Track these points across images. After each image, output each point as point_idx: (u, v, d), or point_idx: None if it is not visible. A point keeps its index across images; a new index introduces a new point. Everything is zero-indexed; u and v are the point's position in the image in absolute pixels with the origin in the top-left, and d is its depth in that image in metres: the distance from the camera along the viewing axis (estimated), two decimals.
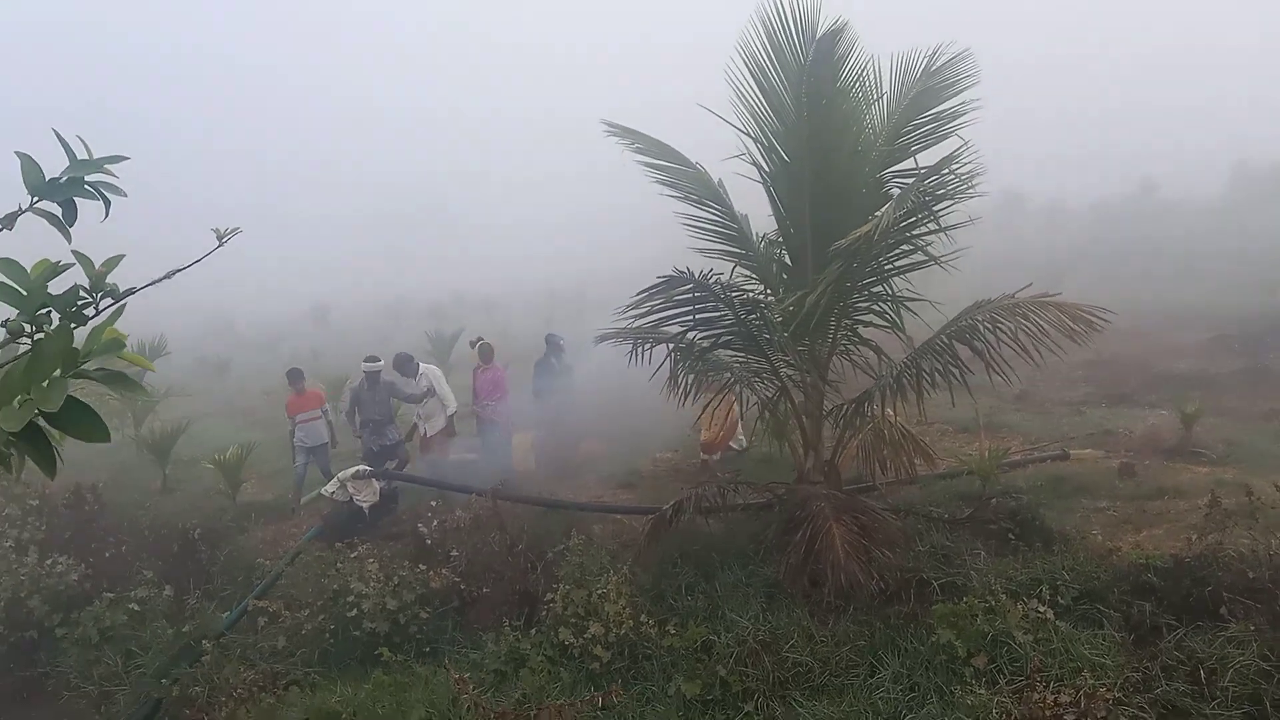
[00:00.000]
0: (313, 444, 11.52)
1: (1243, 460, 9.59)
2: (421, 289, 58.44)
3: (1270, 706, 4.77)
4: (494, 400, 12.07)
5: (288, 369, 12.09)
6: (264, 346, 37.93)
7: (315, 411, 11.63)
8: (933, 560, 7.00)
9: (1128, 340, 19.65)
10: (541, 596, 6.95)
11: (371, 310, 53.31)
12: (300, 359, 29.59)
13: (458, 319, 30.76)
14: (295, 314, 53.80)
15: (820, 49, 6.87)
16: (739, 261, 7.94)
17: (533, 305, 45.84)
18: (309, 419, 11.54)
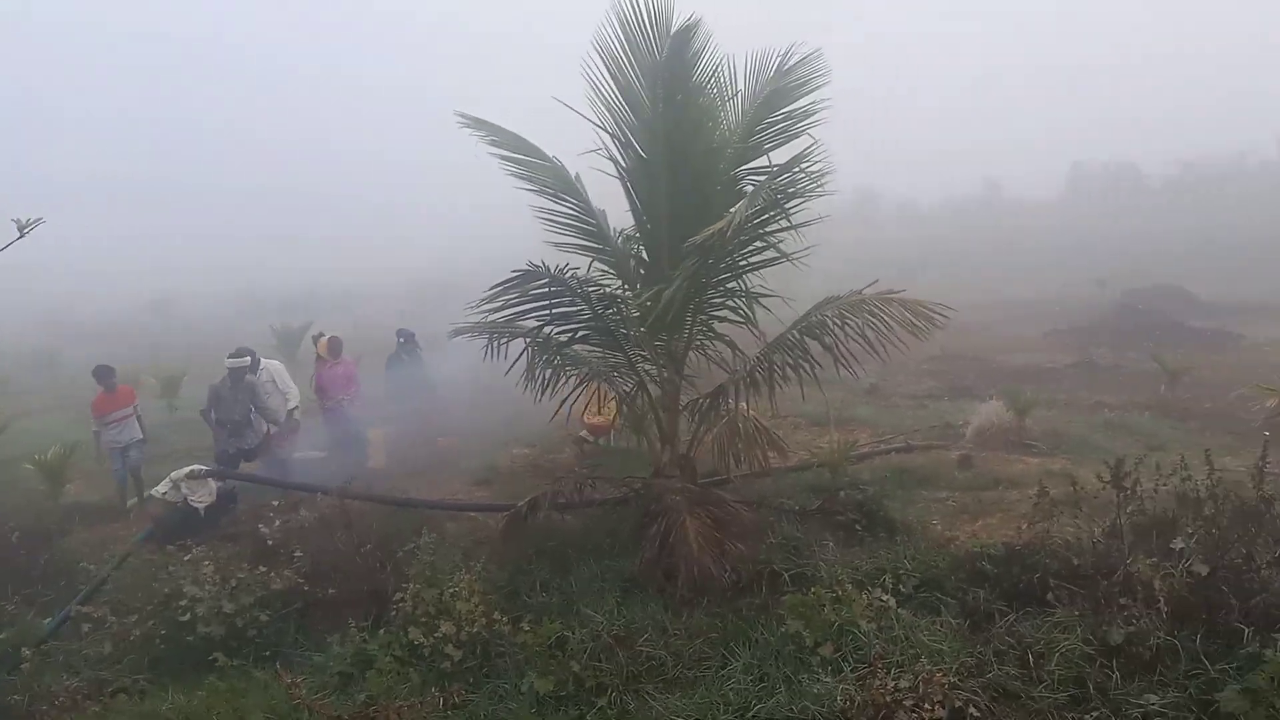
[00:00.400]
0: (127, 443, 10.87)
1: (1071, 451, 10.21)
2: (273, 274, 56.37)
3: (1093, 688, 5.05)
4: (347, 396, 11.71)
5: (95, 366, 11.20)
6: (99, 337, 35.72)
7: (127, 409, 10.97)
8: (784, 552, 7.14)
9: (971, 335, 20.71)
10: (391, 596, 6.76)
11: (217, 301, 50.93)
12: (139, 353, 28.06)
13: (311, 311, 29.69)
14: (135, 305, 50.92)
15: (675, 45, 6.89)
16: (596, 256, 7.91)
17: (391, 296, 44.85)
18: (121, 418, 10.87)
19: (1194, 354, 16.24)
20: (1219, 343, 18.92)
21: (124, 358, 21.19)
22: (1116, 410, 12.77)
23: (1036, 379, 15.71)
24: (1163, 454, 7.98)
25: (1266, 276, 29.82)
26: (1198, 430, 11.30)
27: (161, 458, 11.85)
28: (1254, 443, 8.09)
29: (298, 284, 52.99)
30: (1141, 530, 6.15)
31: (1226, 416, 11.84)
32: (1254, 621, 5.13)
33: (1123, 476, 6.04)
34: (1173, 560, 5.66)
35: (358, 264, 65.80)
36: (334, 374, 11.68)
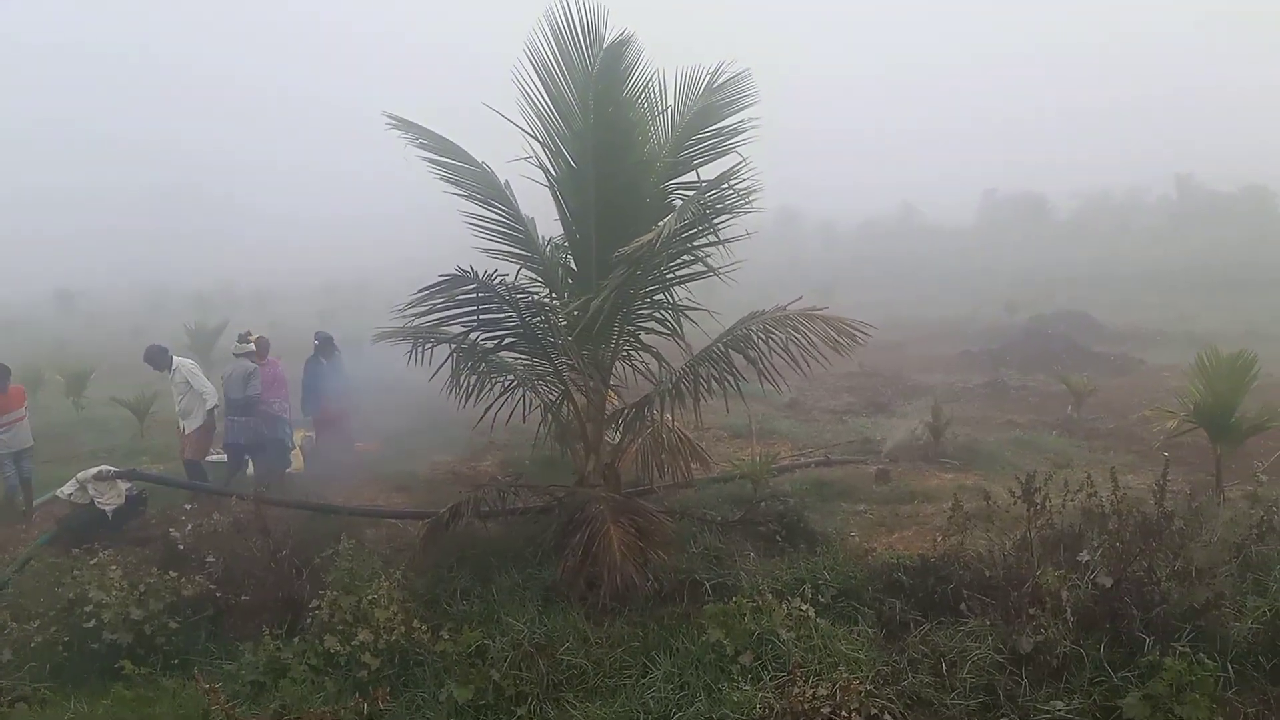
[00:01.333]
0: (19, 448, 10.33)
1: (983, 466, 10.52)
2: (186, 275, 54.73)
3: (1003, 695, 5.22)
4: (277, 398, 11.36)
5: None
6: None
7: (20, 411, 10.47)
8: (705, 561, 7.21)
9: (888, 353, 21.17)
10: (307, 604, 6.61)
11: (129, 296, 49.23)
12: (42, 349, 26.94)
13: (224, 310, 28.91)
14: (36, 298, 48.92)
15: (608, 57, 6.94)
16: (525, 264, 7.90)
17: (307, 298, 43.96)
18: (13, 420, 10.34)
19: (1098, 377, 16.83)
20: (1121, 367, 19.65)
21: (25, 353, 20.35)
22: (1026, 429, 13.19)
23: (950, 397, 16.11)
24: (1070, 471, 8.29)
25: (1162, 305, 31.16)
26: (1102, 449, 11.74)
27: (68, 458, 11.38)
28: (1155, 462, 8.47)
29: (210, 283, 51.53)
30: (1050, 544, 6.39)
31: (1129, 437, 12.33)
32: (1154, 631, 5.37)
33: (1033, 492, 6.25)
34: (1079, 572, 5.88)
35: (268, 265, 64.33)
36: (262, 375, 11.32)
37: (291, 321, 30.76)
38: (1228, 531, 6.47)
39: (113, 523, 9.07)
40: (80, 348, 25.99)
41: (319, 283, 50.83)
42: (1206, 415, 8.45)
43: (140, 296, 51.18)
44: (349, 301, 39.87)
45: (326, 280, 51.96)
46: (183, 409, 10.83)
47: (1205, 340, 17.25)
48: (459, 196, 7.72)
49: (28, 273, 62.53)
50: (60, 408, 17.66)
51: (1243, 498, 7.60)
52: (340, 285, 51.07)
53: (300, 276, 54.24)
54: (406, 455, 12.21)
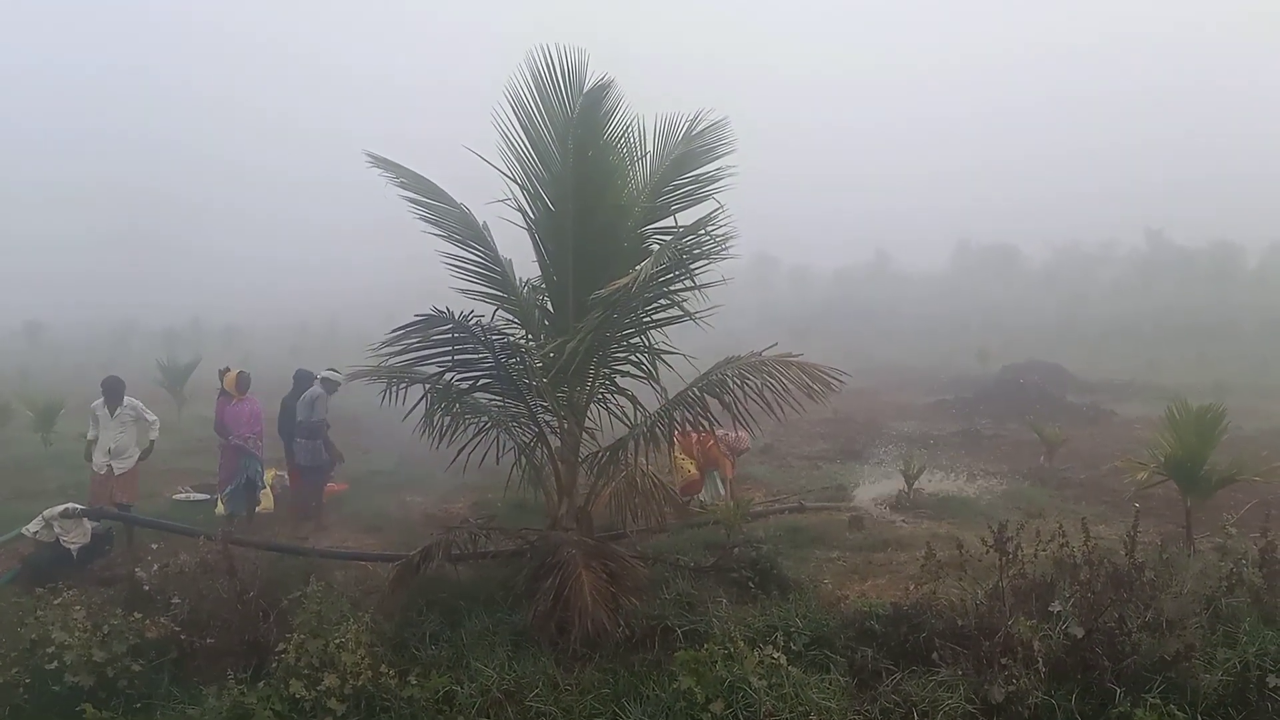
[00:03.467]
0: None
1: (956, 515, 10.53)
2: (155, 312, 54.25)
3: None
4: (253, 434, 11.21)
5: None
6: None
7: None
8: (678, 607, 7.13)
9: (862, 400, 21.27)
10: (273, 647, 6.46)
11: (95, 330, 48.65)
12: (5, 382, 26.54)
13: (194, 346, 28.62)
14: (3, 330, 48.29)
15: (588, 102, 7.02)
16: (501, 305, 7.89)
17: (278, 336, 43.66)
18: None
19: (1070, 427, 16.98)
20: (1093, 417, 19.85)
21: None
22: (999, 478, 13.25)
23: (924, 445, 16.19)
24: (1042, 521, 8.30)
25: (1132, 356, 31.58)
26: (1074, 499, 11.80)
27: (35, 494, 11.14)
28: (1126, 512, 8.52)
29: (180, 319, 51.13)
30: (1022, 593, 6.38)
31: (1100, 487, 12.40)
32: (1125, 683, 5.37)
33: (1005, 541, 6.26)
34: (1051, 622, 5.87)
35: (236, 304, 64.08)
36: (238, 411, 11.18)
37: (263, 358, 30.52)
38: (1198, 583, 6.50)
39: (77, 561, 8.89)
40: (47, 381, 25.62)
41: (291, 321, 50.57)
42: (1176, 467, 8.52)
43: (108, 331, 50.63)
44: (320, 340, 39.68)
45: (298, 319, 51.74)
46: (118, 448, 10.38)
47: (1174, 392, 17.53)
48: (438, 236, 7.73)
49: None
50: (28, 442, 17.36)
51: (1212, 549, 7.64)
52: (311, 324, 50.85)
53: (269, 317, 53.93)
54: (378, 495, 12.08)
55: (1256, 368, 25.53)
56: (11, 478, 13.41)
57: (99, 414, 10.43)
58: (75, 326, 55.61)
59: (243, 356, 26.70)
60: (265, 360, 28.86)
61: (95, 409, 10.46)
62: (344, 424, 13.32)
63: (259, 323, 53.30)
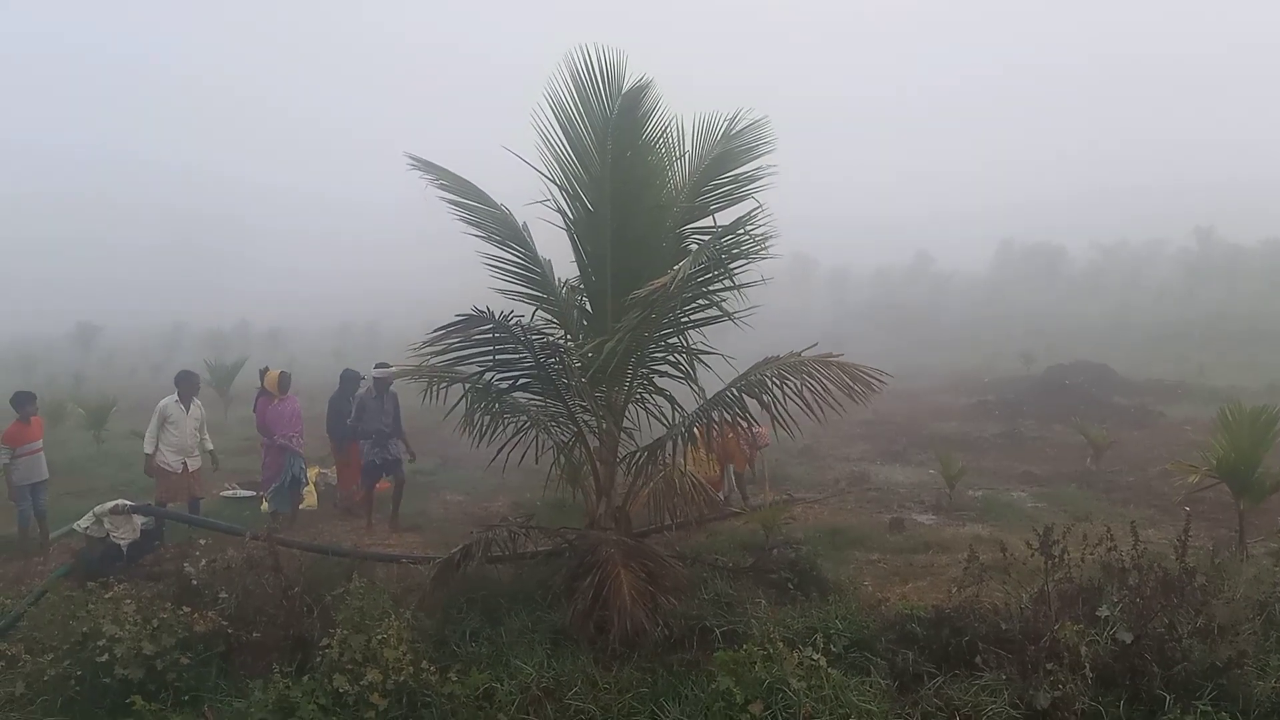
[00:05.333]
0: (36, 479, 10.23)
1: (1000, 518, 10.39)
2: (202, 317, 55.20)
3: None
4: (297, 433, 11.36)
5: (15, 392, 10.54)
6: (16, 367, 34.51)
7: (39, 443, 10.36)
8: (716, 608, 7.11)
9: (902, 401, 21.06)
10: (317, 642, 6.54)
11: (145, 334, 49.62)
12: (59, 383, 27.16)
13: (240, 348, 29.09)
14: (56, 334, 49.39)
15: (626, 103, 7.02)
16: (540, 305, 7.93)
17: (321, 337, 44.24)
18: (33, 450, 10.23)
19: (1117, 429, 16.69)
20: (1140, 419, 19.47)
21: (45, 387, 20.49)
22: (1044, 481, 13.05)
23: (966, 447, 16.00)
24: (1088, 524, 8.15)
25: (1180, 357, 30.95)
26: (1121, 503, 11.58)
27: (86, 491, 11.37)
28: (1176, 517, 8.36)
29: (227, 322, 52.01)
30: (1068, 598, 6.26)
31: (1149, 491, 12.16)
32: (1175, 690, 5.25)
33: (1050, 545, 6.16)
34: (1098, 627, 5.76)
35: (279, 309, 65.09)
36: (280, 410, 11.33)
37: (305, 360, 30.95)
38: (1251, 589, 6.35)
39: (127, 556, 9.06)
40: (99, 383, 26.17)
41: (333, 324, 51.20)
42: (1229, 470, 8.34)
43: (158, 335, 51.55)
44: (361, 341, 40.14)
45: (340, 321, 52.40)
46: (192, 446, 10.60)
47: (1226, 394, 17.16)
48: (478, 237, 7.78)
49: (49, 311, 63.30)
50: (80, 441, 17.75)
51: (1266, 555, 7.47)
52: (352, 325, 51.42)
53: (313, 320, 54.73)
54: (419, 494, 12.18)
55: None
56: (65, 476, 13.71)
57: (170, 410, 10.46)
58: (128, 330, 56.70)
59: (288, 358, 27.05)
60: (308, 363, 29.24)
61: (166, 406, 10.48)
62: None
63: (304, 326, 54.04)
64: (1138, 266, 72.38)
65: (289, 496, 11.09)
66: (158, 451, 10.39)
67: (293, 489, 11.12)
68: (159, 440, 10.41)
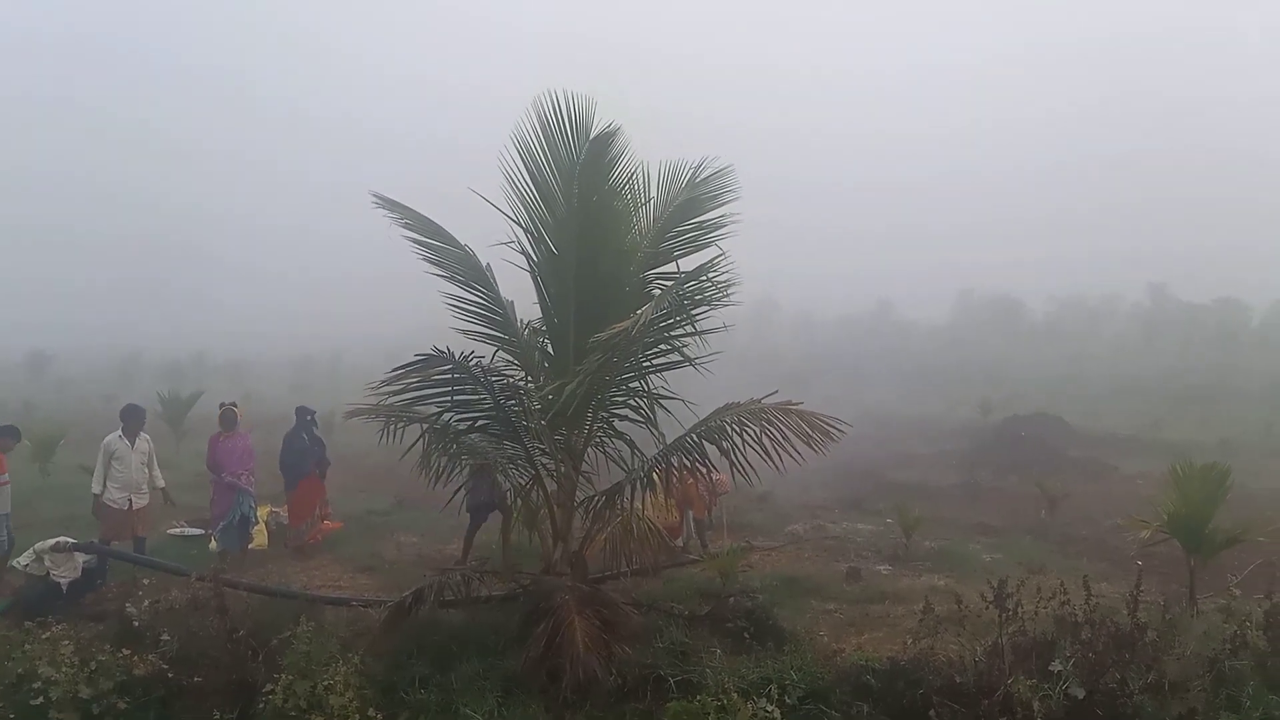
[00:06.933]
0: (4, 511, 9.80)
1: (956, 568, 10.41)
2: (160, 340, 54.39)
3: None
4: (247, 471, 11.10)
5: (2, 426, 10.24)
6: None
7: (5, 475, 9.97)
8: (671, 657, 7.02)
9: (863, 448, 21.13)
10: (261, 687, 6.38)
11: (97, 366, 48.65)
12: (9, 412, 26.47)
13: (198, 380, 28.56)
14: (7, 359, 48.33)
15: (594, 149, 7.06)
16: (501, 346, 7.90)
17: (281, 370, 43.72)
18: (3, 482, 9.82)
19: (1072, 482, 16.85)
20: (1095, 472, 19.67)
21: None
22: (999, 532, 13.12)
23: (924, 496, 16.07)
24: (1043, 577, 8.19)
25: (1134, 411, 31.44)
26: (1075, 555, 11.67)
27: (28, 526, 10.99)
28: (1128, 571, 8.42)
29: (185, 353, 51.27)
30: (1022, 651, 6.26)
31: (1102, 544, 12.27)
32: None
33: (1005, 597, 6.17)
34: (1051, 682, 5.76)
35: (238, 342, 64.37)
36: (230, 447, 11.08)
37: (264, 393, 30.55)
38: (1201, 645, 6.39)
39: (68, 596, 8.78)
40: (49, 412, 25.56)
41: (293, 358, 50.64)
42: (1180, 526, 8.42)
43: (113, 363, 50.66)
44: (322, 374, 39.75)
45: (301, 353, 51.91)
46: (138, 483, 10.35)
47: (1178, 448, 17.39)
48: (440, 277, 7.76)
49: None
50: (26, 473, 17.27)
51: (1216, 610, 7.53)
52: (314, 358, 50.97)
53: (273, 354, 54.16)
54: (373, 535, 12.00)
55: (1261, 428, 25.36)
56: None
57: (115, 446, 10.23)
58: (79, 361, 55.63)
59: (244, 393, 26.59)
60: (267, 397, 28.84)
61: (110, 443, 10.24)
62: (340, 463, 13.27)
63: (263, 358, 53.40)
64: (1094, 321, 73.75)
65: (238, 535, 10.83)
66: (105, 490, 10.14)
67: (242, 528, 10.87)
68: (105, 477, 10.17)
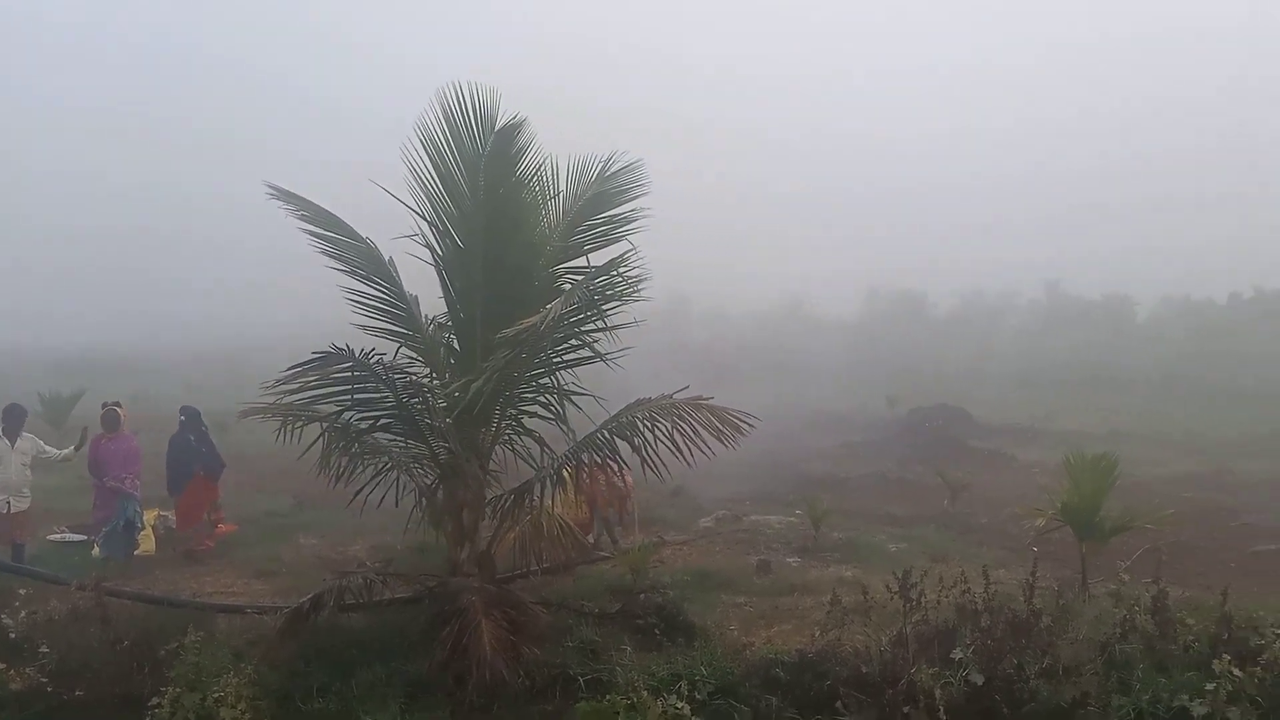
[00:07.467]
0: None
1: (863, 559, 10.57)
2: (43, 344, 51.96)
3: None
4: (132, 474, 10.61)
5: None
6: None
7: None
8: (580, 656, 6.95)
9: (774, 442, 21.33)
10: (147, 701, 6.10)
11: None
12: None
13: (86, 379, 27.28)
14: None
15: (500, 140, 6.93)
16: (405, 342, 7.69)
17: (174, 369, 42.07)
18: None
19: (973, 471, 17.31)
20: (994, 462, 20.27)
21: None
22: (904, 522, 13.39)
23: (832, 488, 16.33)
24: (945, 566, 8.36)
25: (1032, 402, 32.53)
26: (976, 543, 11.97)
27: None
28: (1026, 558, 8.64)
29: (71, 351, 49.12)
30: (925, 640, 6.37)
31: (1001, 532, 12.63)
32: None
33: (909, 588, 6.27)
34: (952, 669, 5.88)
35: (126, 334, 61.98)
36: (113, 449, 10.57)
37: (156, 392, 29.43)
38: (1093, 629, 6.59)
39: None
40: None
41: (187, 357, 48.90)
42: (1073, 514, 8.71)
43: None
44: (217, 374, 38.50)
45: (195, 352, 50.20)
46: (17, 485, 9.88)
47: (1072, 438, 18.05)
48: (341, 271, 7.52)
49: None
50: None
51: (1107, 595, 7.79)
52: (209, 356, 49.37)
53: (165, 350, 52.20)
54: (271, 537, 11.62)
55: (1147, 416, 26.52)
56: None
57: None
58: None
59: (133, 393, 25.46)
60: (159, 396, 27.77)
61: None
62: (236, 463, 12.83)
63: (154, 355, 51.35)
64: (993, 316, 76.08)
65: (122, 542, 10.32)
66: None
67: (127, 534, 10.36)
68: None
